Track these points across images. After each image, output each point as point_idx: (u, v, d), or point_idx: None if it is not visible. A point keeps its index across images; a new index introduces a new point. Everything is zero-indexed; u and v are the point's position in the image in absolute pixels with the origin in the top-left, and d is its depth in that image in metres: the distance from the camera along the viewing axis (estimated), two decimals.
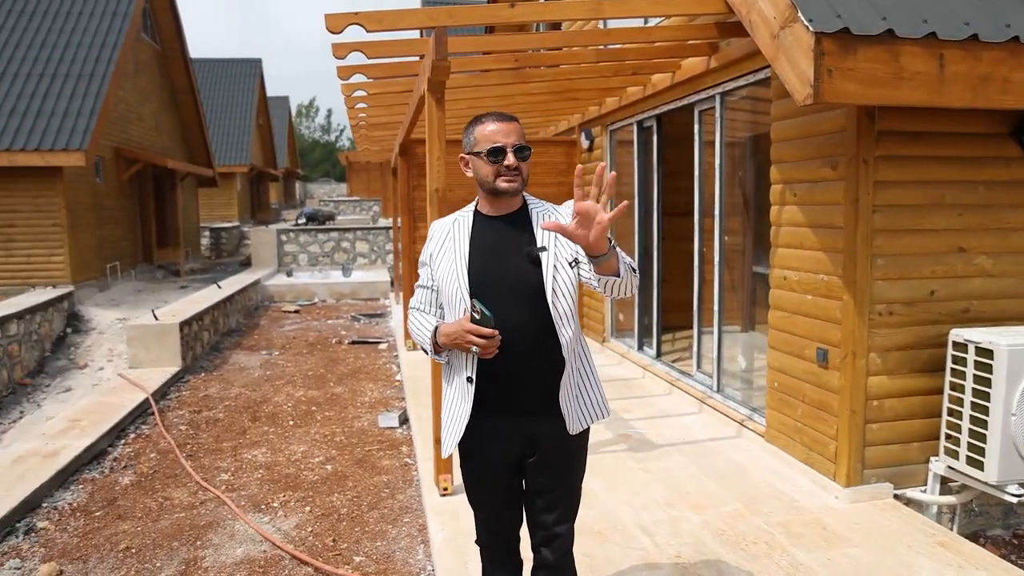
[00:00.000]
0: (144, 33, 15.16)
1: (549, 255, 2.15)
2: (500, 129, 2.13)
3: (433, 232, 2.31)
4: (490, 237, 2.20)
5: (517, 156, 2.12)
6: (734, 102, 5.13)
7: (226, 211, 25.99)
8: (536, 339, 2.14)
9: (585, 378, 2.29)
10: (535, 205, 2.26)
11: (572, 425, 2.23)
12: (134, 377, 7.23)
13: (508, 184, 2.13)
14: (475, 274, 2.16)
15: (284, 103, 41.82)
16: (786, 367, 4.32)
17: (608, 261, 1.96)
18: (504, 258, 2.17)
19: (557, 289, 2.14)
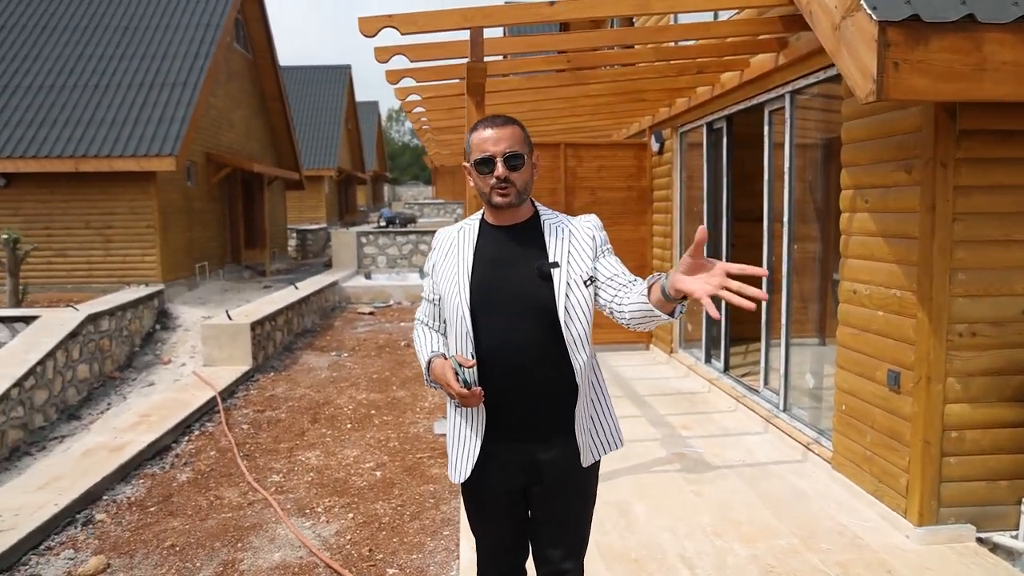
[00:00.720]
0: (236, 43, 15.84)
1: (561, 272, 1.98)
2: (490, 136, 1.96)
3: (437, 241, 2.16)
4: (496, 248, 2.05)
5: (508, 166, 1.95)
6: (804, 101, 4.77)
7: (314, 213, 26.91)
8: (541, 359, 1.98)
9: (599, 406, 2.12)
10: (548, 216, 2.09)
11: (585, 456, 2.06)
12: (206, 375, 7.48)
13: (500, 198, 1.97)
14: (477, 286, 2.01)
15: (373, 108, 42.99)
16: (855, 389, 3.96)
17: (672, 304, 1.77)
18: (510, 271, 2.01)
19: (571, 309, 1.96)
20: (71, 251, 11.97)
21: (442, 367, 1.97)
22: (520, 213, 2.06)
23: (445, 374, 1.94)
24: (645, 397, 6.21)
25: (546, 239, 2.03)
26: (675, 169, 7.38)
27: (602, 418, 2.11)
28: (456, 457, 2.11)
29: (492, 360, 1.98)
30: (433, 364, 2.04)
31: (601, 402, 2.12)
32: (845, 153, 3.97)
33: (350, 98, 31.99)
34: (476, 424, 2.04)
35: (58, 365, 8.02)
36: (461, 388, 1.89)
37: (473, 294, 2.00)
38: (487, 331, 1.99)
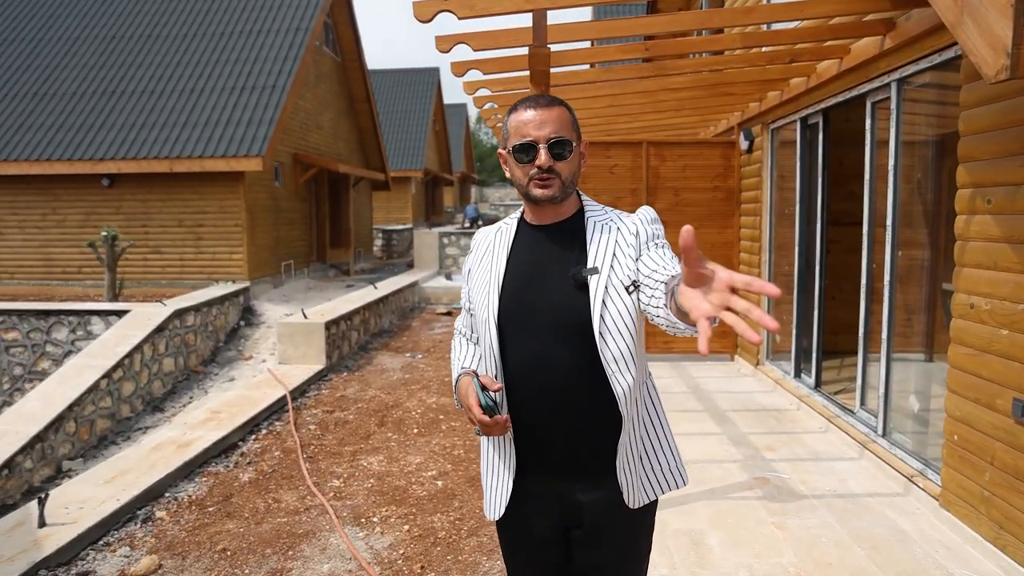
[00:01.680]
0: (325, 46, 16.19)
1: (600, 279, 1.65)
2: (533, 119, 1.66)
3: (475, 243, 1.89)
4: (532, 252, 1.76)
5: (552, 154, 1.65)
6: (913, 91, 4.24)
7: (401, 214, 27.32)
8: (578, 384, 1.67)
9: (654, 437, 1.79)
10: (595, 212, 1.77)
11: (632, 498, 1.74)
12: (280, 373, 7.54)
13: (541, 191, 1.68)
14: (507, 297, 1.72)
15: (462, 110, 43.40)
16: (970, 418, 3.44)
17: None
18: (543, 279, 1.71)
19: (608, 323, 1.63)
20: (165, 248, 12.49)
21: (467, 387, 1.71)
22: (563, 209, 1.76)
23: (468, 396, 1.68)
24: (727, 413, 5.77)
25: (588, 239, 1.72)
26: (765, 168, 6.87)
27: (657, 451, 1.79)
28: (490, 492, 1.85)
29: (522, 384, 1.71)
30: (460, 382, 1.79)
31: (656, 432, 1.79)
32: (964, 147, 3.46)
33: (438, 101, 32.36)
34: (507, 457, 1.77)
35: (145, 358, 8.30)
36: (482, 415, 1.62)
37: (502, 306, 1.72)
38: (516, 349, 1.71)
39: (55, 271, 12.88)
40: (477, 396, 1.63)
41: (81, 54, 14.27)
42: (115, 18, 15.01)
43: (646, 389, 1.77)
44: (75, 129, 12.62)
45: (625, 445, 1.70)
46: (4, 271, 13.01)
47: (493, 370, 1.72)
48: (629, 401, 1.67)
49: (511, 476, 1.76)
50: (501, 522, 1.86)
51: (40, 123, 12.88)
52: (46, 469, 6.58)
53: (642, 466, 1.76)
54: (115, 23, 14.88)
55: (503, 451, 1.77)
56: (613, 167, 7.68)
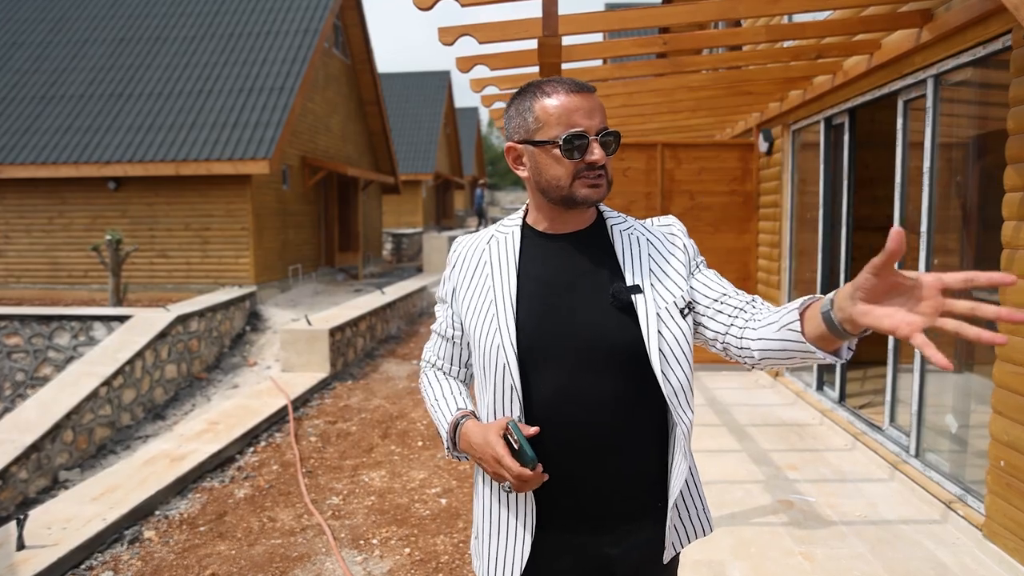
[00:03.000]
0: (335, 48, 16.03)
1: (646, 298, 1.40)
2: (581, 106, 1.38)
3: (456, 256, 1.57)
4: (549, 266, 1.46)
5: (605, 147, 1.40)
6: (951, 88, 3.96)
7: (411, 217, 27.15)
8: (620, 422, 1.40)
9: (690, 481, 1.53)
10: (616, 220, 1.51)
11: (669, 550, 1.48)
12: (281, 382, 7.32)
13: (591, 191, 1.40)
14: (527, 321, 1.42)
15: (473, 114, 43.27)
16: (1019, 442, 3.15)
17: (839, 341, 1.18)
18: (570, 299, 1.43)
19: (668, 352, 1.38)
20: (172, 252, 12.34)
21: (484, 435, 1.39)
22: (585, 216, 1.49)
23: (493, 446, 1.35)
24: (746, 427, 5.49)
25: (618, 252, 1.46)
26: (785, 171, 6.59)
27: (690, 496, 1.53)
28: (496, 558, 1.51)
29: (546, 423, 1.40)
30: (466, 429, 1.46)
31: (692, 476, 1.54)
32: (1012, 146, 3.18)
33: (449, 104, 32.21)
34: (524, 513, 1.45)
35: (146, 365, 8.12)
36: (520, 468, 1.32)
37: (520, 333, 1.42)
38: (541, 386, 1.41)
39: (61, 275, 12.76)
40: (511, 444, 1.34)
41: (89, 57, 14.18)
42: (124, 20, 14.92)
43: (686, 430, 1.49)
44: (82, 132, 12.51)
45: (675, 493, 1.44)
46: (11, 275, 12.91)
47: (513, 410, 1.42)
48: (683, 439, 1.42)
49: (529, 535, 1.45)
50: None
51: (47, 126, 12.77)
52: (42, 480, 6.39)
53: (679, 515, 1.50)
54: (124, 25, 14.79)
55: (517, 507, 1.46)
56: (627, 170, 7.43)
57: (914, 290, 1.04)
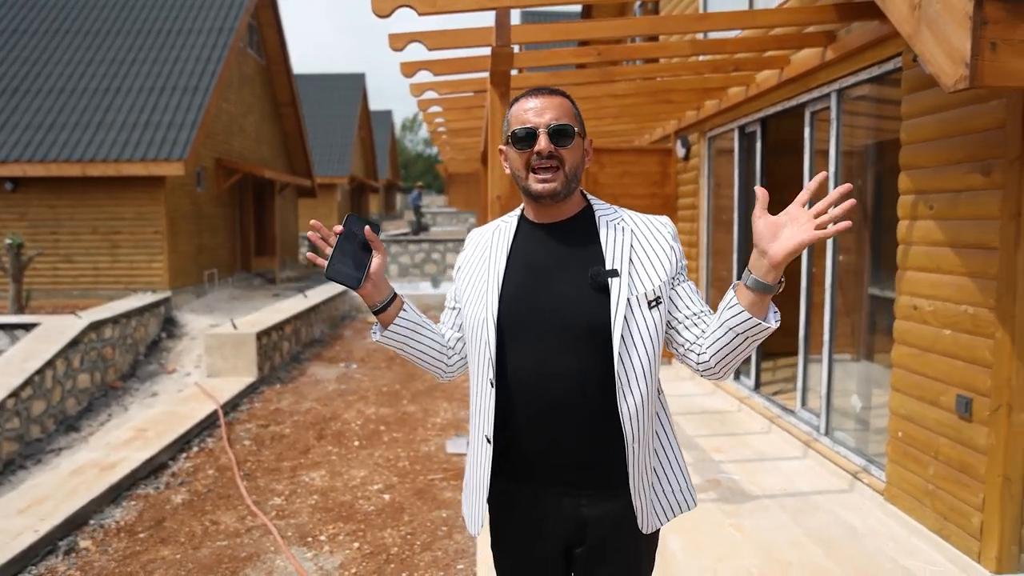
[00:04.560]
0: (250, 48, 15.65)
1: (621, 283, 1.56)
2: (533, 106, 1.57)
3: (468, 242, 1.78)
4: (536, 251, 1.64)
5: (554, 140, 1.55)
6: (852, 101, 4.40)
7: (327, 221, 26.69)
8: (588, 394, 1.56)
9: (664, 456, 1.68)
10: (604, 211, 1.67)
11: (645, 522, 1.64)
12: (209, 387, 7.17)
13: (541, 184, 1.56)
14: (509, 296, 1.60)
15: (387, 117, 42.92)
16: (914, 415, 3.57)
17: (766, 297, 1.44)
18: (552, 280, 1.60)
19: (629, 335, 1.54)
20: (77, 257, 11.73)
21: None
22: (568, 207, 1.65)
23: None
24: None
25: (602, 239, 1.62)
26: (702, 176, 7.02)
27: (668, 472, 1.69)
28: (472, 505, 1.73)
29: (522, 394, 1.59)
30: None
31: (667, 450, 1.69)
32: (906, 155, 3.60)
33: (364, 107, 31.86)
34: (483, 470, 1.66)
35: (57, 374, 7.73)
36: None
37: (503, 308, 1.60)
38: (517, 356, 1.59)
39: None
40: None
41: None
42: (17, 10, 14.06)
43: (658, 403, 1.67)
44: None
45: (635, 465, 1.60)
46: None
47: (489, 374, 1.61)
48: (636, 418, 1.57)
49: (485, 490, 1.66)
50: (497, 540, 1.75)
51: None
52: None
53: (654, 489, 1.66)
54: (17, 16, 13.93)
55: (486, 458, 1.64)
56: None
57: (792, 219, 1.42)
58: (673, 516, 1.70)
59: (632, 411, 1.56)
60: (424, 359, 1.74)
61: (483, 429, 1.65)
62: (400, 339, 1.68)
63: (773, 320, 1.48)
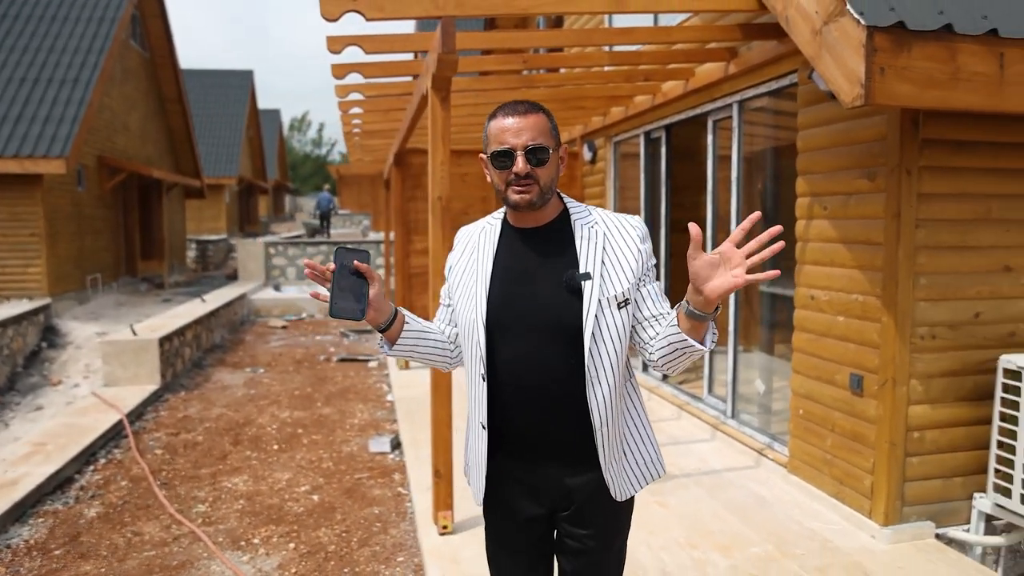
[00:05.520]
0: (133, 40, 14.82)
1: (593, 286, 1.72)
2: (511, 126, 1.70)
3: (457, 240, 1.92)
4: (518, 255, 1.80)
5: (530, 160, 1.70)
6: (752, 112, 4.84)
7: (214, 223, 25.55)
8: (565, 385, 1.74)
9: (635, 433, 1.86)
10: (579, 215, 1.82)
11: (618, 491, 1.82)
12: (108, 396, 6.81)
13: (519, 196, 1.71)
14: (496, 299, 1.76)
15: (275, 116, 41.53)
16: (813, 393, 4.00)
17: (704, 323, 1.59)
18: (532, 283, 1.76)
19: (600, 334, 1.71)
20: None
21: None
22: (545, 213, 1.81)
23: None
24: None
25: (577, 244, 1.78)
26: (608, 178, 7.39)
27: (639, 446, 1.88)
28: (474, 477, 1.91)
29: (509, 380, 1.77)
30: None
31: (638, 428, 1.88)
32: (801, 161, 4.03)
33: (252, 105, 30.71)
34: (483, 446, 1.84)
35: None
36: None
37: (490, 310, 1.76)
38: (504, 353, 1.76)
39: None
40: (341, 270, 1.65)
41: None
42: None
43: (627, 391, 1.85)
44: None
45: (603, 446, 1.77)
46: None
47: (481, 369, 1.77)
48: (603, 406, 1.74)
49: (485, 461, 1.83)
50: (489, 508, 1.91)
51: None
52: None
53: (625, 461, 1.84)
54: None
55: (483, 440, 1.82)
56: (464, 175, 7.86)
57: (726, 259, 1.53)
58: (646, 484, 1.89)
59: (600, 401, 1.73)
60: (430, 359, 1.92)
61: (478, 417, 1.82)
62: (407, 350, 1.85)
63: (709, 343, 1.64)
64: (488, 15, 3.14)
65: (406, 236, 7.76)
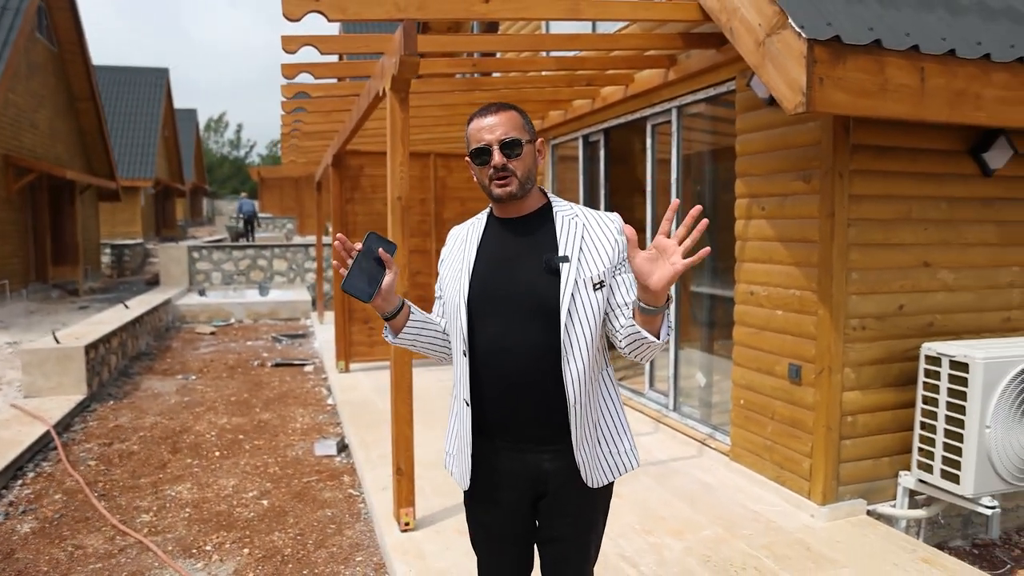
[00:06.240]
0: (39, 33, 14.04)
1: (571, 268, 1.84)
2: (485, 125, 1.84)
3: (449, 238, 2.08)
4: (501, 242, 1.93)
5: (505, 154, 1.83)
6: (690, 117, 5.08)
7: (129, 227, 24.42)
8: (542, 364, 1.83)
9: (609, 422, 1.95)
10: (561, 208, 1.95)
11: (590, 477, 1.90)
12: (31, 408, 6.46)
13: (500, 189, 1.84)
14: (478, 282, 1.88)
15: (192, 116, 40.06)
16: (754, 384, 4.24)
17: (656, 316, 1.68)
18: (513, 266, 1.88)
19: (575, 312, 1.82)
20: None
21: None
22: (527, 204, 1.93)
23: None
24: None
25: (557, 232, 1.90)
26: (547, 181, 7.55)
27: (613, 436, 1.96)
28: (456, 460, 1.99)
29: (489, 360, 1.87)
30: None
31: (612, 418, 1.96)
32: (740, 164, 4.27)
33: (168, 104, 29.53)
34: (465, 430, 1.93)
35: None
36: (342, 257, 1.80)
37: (472, 290, 1.88)
38: (484, 331, 1.87)
39: None
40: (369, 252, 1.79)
41: None
42: None
43: (603, 378, 1.93)
44: None
45: (578, 425, 1.85)
46: None
47: (463, 347, 1.87)
48: (578, 382, 1.83)
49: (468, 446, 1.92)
50: (470, 492, 1.98)
51: None
52: None
53: (599, 448, 1.92)
54: None
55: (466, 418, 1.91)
56: None
57: (662, 251, 1.61)
58: (619, 474, 1.97)
59: (574, 375, 1.83)
60: (430, 350, 2.03)
61: (462, 394, 1.91)
62: (410, 340, 1.97)
63: (664, 335, 1.73)
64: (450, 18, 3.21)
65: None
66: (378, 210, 7.74)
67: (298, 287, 15.48)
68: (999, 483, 3.49)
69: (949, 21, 3.32)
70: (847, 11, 3.12)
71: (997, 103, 3.29)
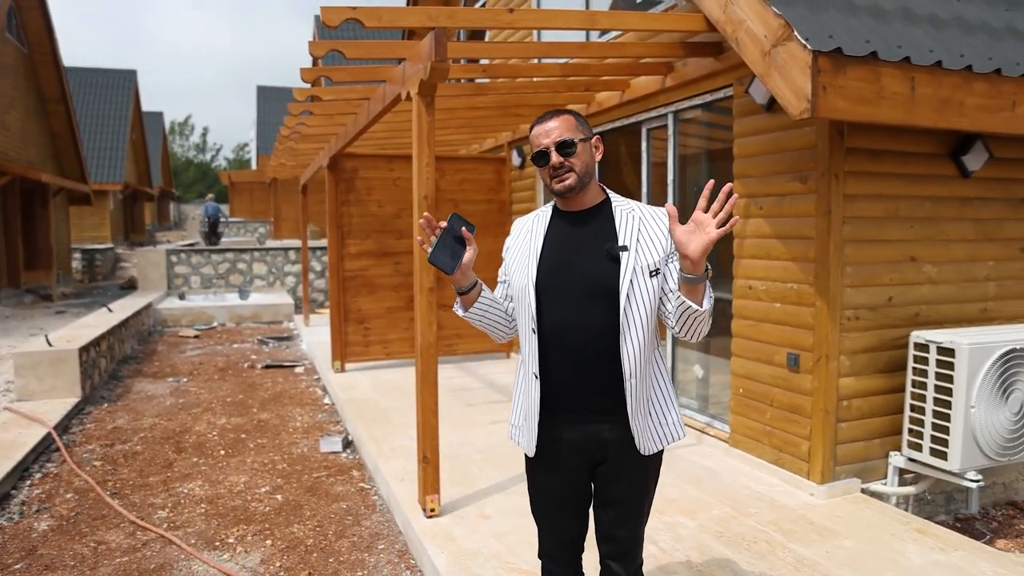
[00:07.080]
0: (9, 33, 13.83)
1: (630, 256, 2.05)
2: (540, 131, 2.09)
3: (513, 228, 2.29)
4: (565, 232, 2.14)
5: (561, 153, 2.06)
6: (684, 123, 5.32)
7: (98, 232, 24.02)
8: (604, 341, 2.04)
9: (659, 397, 2.16)
10: (619, 203, 2.16)
11: (642, 445, 2.11)
12: (27, 410, 6.45)
13: (559, 185, 2.08)
14: (545, 268, 2.10)
15: (158, 119, 39.49)
16: (753, 373, 4.49)
17: (697, 286, 1.89)
18: (577, 254, 2.09)
19: (633, 295, 2.03)
20: None
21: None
22: (588, 198, 2.14)
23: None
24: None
25: (616, 223, 2.10)
26: (538, 183, 7.75)
27: (663, 409, 2.16)
28: (522, 430, 2.20)
29: (556, 339, 2.08)
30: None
31: (663, 394, 2.17)
32: (737, 166, 4.52)
33: (136, 107, 29.10)
34: (533, 402, 2.12)
35: None
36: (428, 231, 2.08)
37: (540, 275, 2.09)
38: (551, 312, 2.08)
39: None
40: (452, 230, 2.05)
41: None
42: None
43: (655, 357, 2.15)
44: None
45: (635, 398, 2.07)
46: None
47: (532, 325, 2.08)
48: (634, 357, 2.04)
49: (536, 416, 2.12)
50: (537, 459, 2.18)
51: None
52: None
53: (651, 419, 2.13)
54: None
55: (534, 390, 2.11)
56: (396, 179, 7.99)
57: (699, 223, 1.84)
58: (668, 443, 2.18)
59: (631, 352, 2.05)
60: (493, 327, 2.26)
61: (531, 368, 2.12)
62: (478, 316, 2.20)
63: (707, 303, 1.95)
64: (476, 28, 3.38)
65: (340, 240, 7.80)
66: (372, 212, 7.86)
67: (278, 291, 15.44)
68: (983, 459, 3.78)
69: (934, 35, 3.61)
70: (844, 24, 3.38)
71: (978, 110, 3.58)
